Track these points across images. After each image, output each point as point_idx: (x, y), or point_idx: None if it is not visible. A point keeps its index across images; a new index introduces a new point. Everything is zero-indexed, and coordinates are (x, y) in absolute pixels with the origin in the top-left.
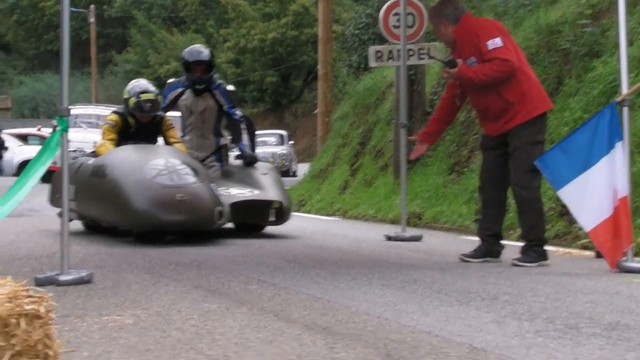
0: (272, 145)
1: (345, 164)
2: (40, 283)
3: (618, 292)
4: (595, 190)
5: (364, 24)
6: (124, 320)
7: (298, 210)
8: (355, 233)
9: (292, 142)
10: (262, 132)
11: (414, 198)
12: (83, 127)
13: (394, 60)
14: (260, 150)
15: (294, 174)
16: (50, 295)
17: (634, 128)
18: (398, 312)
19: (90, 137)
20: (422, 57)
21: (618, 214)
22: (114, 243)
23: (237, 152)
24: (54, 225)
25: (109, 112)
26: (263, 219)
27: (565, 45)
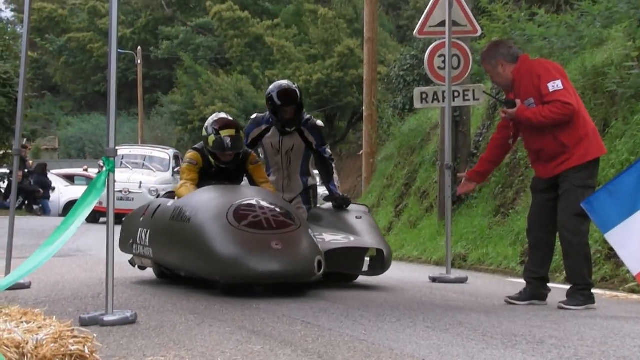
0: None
1: (390, 205)
2: (85, 323)
3: None
4: None
5: (409, 66)
6: None
7: None
8: (400, 274)
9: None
10: None
11: (459, 240)
12: (129, 167)
13: (439, 102)
14: None
15: None
16: (95, 336)
17: None
18: (443, 354)
19: (136, 177)
20: (467, 98)
21: None
22: (159, 284)
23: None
24: (99, 266)
25: (161, 151)
26: (357, 269)
27: (612, 88)
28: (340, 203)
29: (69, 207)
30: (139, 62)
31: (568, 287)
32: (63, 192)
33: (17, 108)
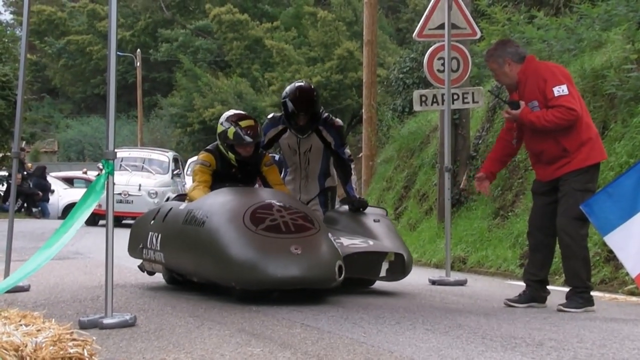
0: None
1: (390, 208)
2: (84, 326)
3: None
4: None
5: (409, 68)
6: None
7: None
8: None
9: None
10: None
11: (459, 242)
12: (128, 170)
13: (439, 105)
14: None
15: None
16: (94, 339)
17: None
18: (442, 357)
19: (135, 180)
20: (466, 101)
21: None
22: (158, 286)
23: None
24: (99, 269)
25: (160, 154)
26: (375, 274)
27: (611, 90)
28: (357, 206)
29: (68, 209)
30: (138, 64)
31: (567, 289)
32: (62, 194)
33: (16, 111)
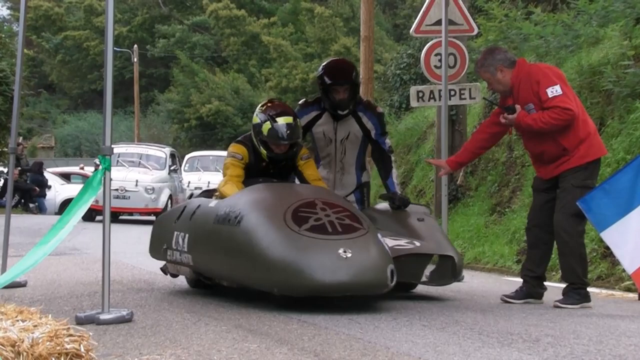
0: None
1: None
2: (81, 322)
3: None
4: (638, 232)
5: (406, 64)
6: None
7: None
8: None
9: None
10: None
11: (455, 238)
12: (125, 165)
13: (435, 101)
14: None
15: None
16: (91, 334)
17: None
18: (439, 353)
19: (132, 176)
20: (463, 97)
21: None
22: (155, 282)
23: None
24: (96, 264)
25: (157, 150)
26: (417, 277)
27: (608, 86)
28: (399, 203)
29: (65, 205)
30: (135, 60)
31: (564, 285)
32: (59, 190)
33: (13, 106)
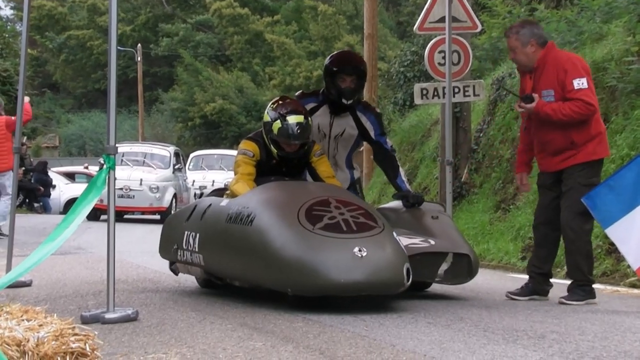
0: None
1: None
2: (86, 321)
3: None
4: None
5: (409, 62)
6: (170, 359)
7: None
8: None
9: None
10: None
11: None
12: (130, 165)
13: (439, 98)
14: None
15: None
16: (96, 333)
17: None
18: (444, 350)
19: (137, 175)
20: (467, 94)
21: None
22: (160, 281)
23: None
24: (100, 264)
25: (162, 148)
26: (431, 276)
27: (612, 83)
28: (413, 201)
29: (70, 204)
30: (139, 59)
31: (569, 282)
32: (64, 189)
33: (17, 106)
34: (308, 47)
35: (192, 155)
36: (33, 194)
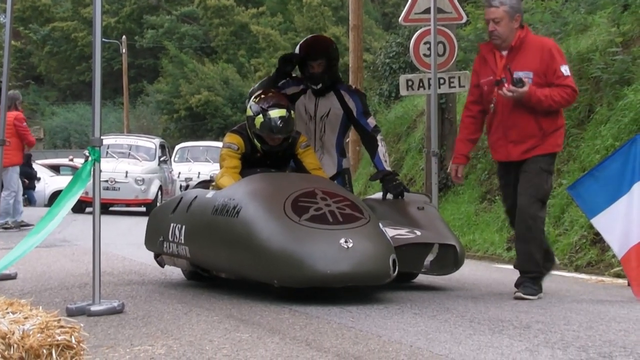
0: None
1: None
2: (72, 313)
3: None
4: (627, 218)
5: (395, 53)
6: (156, 351)
7: None
8: None
9: None
10: None
11: None
12: (115, 157)
13: (425, 89)
14: None
15: None
16: (82, 326)
17: None
18: (430, 341)
19: (122, 167)
20: (452, 85)
21: None
22: (146, 273)
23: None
24: (86, 256)
25: (147, 141)
26: (418, 267)
27: (596, 73)
28: (397, 192)
29: (55, 197)
30: (124, 51)
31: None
32: (48, 182)
33: (0, 98)
34: (293, 38)
35: (177, 147)
36: None
